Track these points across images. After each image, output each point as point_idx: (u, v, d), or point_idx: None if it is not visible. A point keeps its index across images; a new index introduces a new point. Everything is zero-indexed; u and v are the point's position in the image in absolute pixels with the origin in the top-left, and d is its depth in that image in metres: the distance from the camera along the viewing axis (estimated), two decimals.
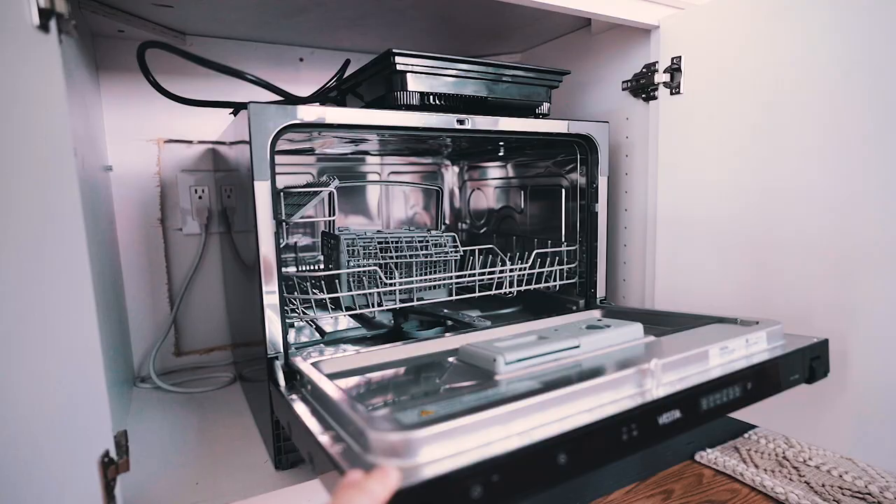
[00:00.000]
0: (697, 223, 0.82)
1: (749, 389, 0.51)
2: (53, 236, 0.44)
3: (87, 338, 0.48)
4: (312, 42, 1.10)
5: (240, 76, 0.66)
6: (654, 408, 0.44)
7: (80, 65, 0.77)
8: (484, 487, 0.36)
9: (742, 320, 0.64)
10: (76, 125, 0.65)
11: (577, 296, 0.93)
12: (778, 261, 0.72)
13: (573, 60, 1.04)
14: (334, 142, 0.99)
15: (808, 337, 0.60)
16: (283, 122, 0.61)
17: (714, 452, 0.89)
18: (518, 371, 0.51)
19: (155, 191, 1.02)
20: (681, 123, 0.83)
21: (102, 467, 0.48)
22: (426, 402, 0.46)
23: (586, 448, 0.40)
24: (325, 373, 0.62)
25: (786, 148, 0.71)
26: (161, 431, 0.79)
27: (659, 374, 0.46)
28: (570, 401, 0.43)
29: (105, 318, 0.73)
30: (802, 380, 0.57)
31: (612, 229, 0.99)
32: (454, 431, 0.38)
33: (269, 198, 0.62)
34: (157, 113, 1.01)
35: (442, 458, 0.37)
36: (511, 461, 0.37)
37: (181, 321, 1.06)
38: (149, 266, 1.03)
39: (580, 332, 0.58)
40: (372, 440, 0.37)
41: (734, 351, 0.54)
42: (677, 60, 0.82)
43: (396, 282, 0.73)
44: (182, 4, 0.87)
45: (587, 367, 0.51)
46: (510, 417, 0.40)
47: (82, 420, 0.47)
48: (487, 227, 1.22)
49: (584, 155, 0.90)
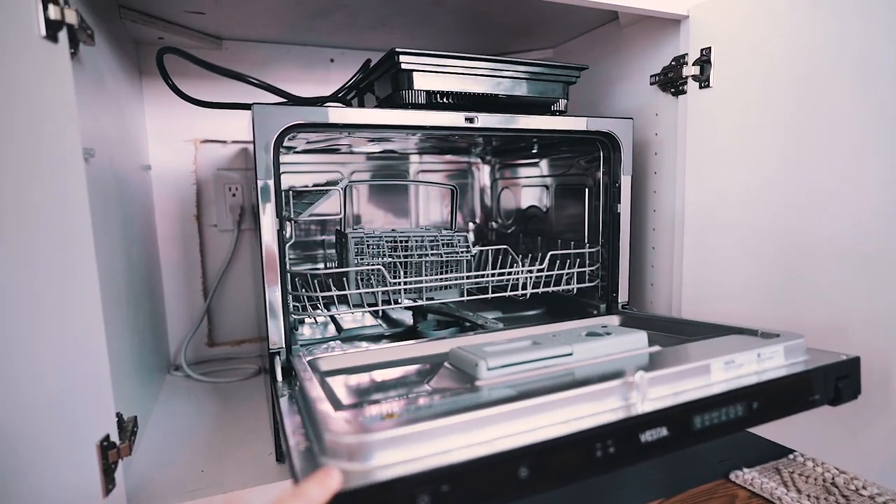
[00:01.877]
0: (726, 227, 0.77)
1: (755, 409, 0.47)
2: (60, 231, 0.47)
3: (90, 326, 0.51)
4: (341, 43, 1.12)
5: (243, 79, 0.68)
6: (636, 424, 0.42)
7: (119, 71, 0.82)
8: (432, 497, 0.35)
9: (763, 332, 0.59)
10: (105, 127, 0.70)
11: (599, 300, 0.89)
12: (810, 269, 0.66)
13: (603, 55, 1.00)
14: (363, 141, 1.00)
15: (835, 353, 0.54)
16: (285, 123, 0.62)
17: (752, 472, 0.83)
18: (500, 377, 0.49)
19: (192, 188, 1.08)
20: (710, 120, 0.78)
21: (101, 450, 0.51)
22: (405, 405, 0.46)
23: (553, 463, 0.38)
24: (321, 370, 0.63)
25: (820, 148, 0.64)
26: (181, 418, 0.83)
27: (645, 388, 0.43)
28: (543, 412, 0.41)
29: (132, 307, 0.77)
30: (825, 401, 0.51)
31: (641, 231, 0.94)
32: (411, 437, 0.37)
33: (273, 196, 0.63)
34: (195, 115, 1.05)
35: (395, 463, 0.36)
36: (465, 472, 0.36)
37: (214, 313, 1.12)
38: (185, 260, 1.08)
39: (577, 339, 0.56)
40: (326, 442, 0.37)
41: (742, 366, 0.50)
42: (707, 52, 0.77)
43: (402, 281, 0.73)
44: (213, 11, 0.90)
45: (573, 377, 0.49)
46: (474, 426, 0.39)
47: (82, 404, 0.50)
48: (515, 226, 1.20)
49: (607, 153, 0.86)
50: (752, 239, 0.73)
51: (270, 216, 0.63)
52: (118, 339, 0.68)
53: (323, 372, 0.63)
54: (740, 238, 0.75)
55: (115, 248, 0.70)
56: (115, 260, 0.70)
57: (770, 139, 0.70)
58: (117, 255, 0.71)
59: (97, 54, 0.68)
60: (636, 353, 0.55)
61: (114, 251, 0.70)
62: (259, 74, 1.10)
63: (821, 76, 0.64)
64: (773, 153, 0.70)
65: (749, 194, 0.73)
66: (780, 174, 0.69)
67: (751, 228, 0.73)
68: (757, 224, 0.72)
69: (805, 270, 0.67)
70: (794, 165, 0.67)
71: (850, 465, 0.67)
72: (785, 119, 0.68)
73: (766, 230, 0.71)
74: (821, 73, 0.64)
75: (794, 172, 0.67)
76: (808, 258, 0.66)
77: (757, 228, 0.73)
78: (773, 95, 0.69)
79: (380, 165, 1.21)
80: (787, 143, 0.68)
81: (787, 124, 0.68)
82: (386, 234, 0.85)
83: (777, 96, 0.69)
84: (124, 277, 0.74)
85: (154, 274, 0.99)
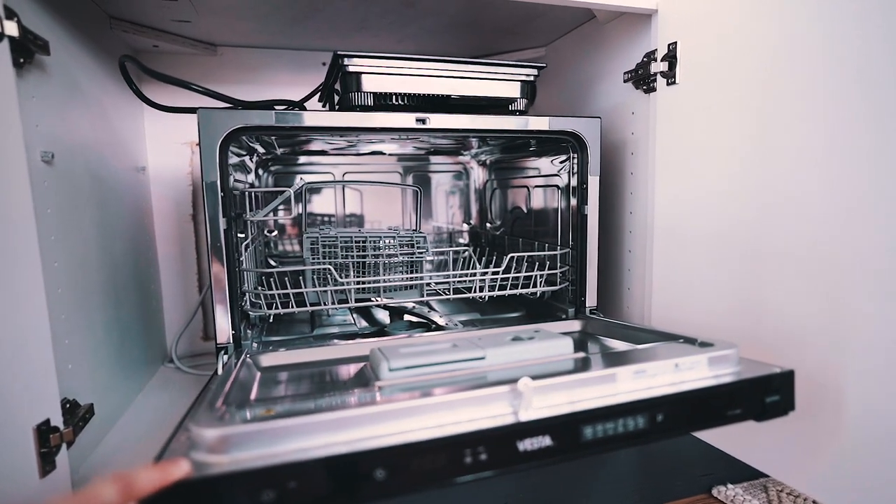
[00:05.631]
0: (692, 231, 0.73)
1: (660, 421, 0.45)
2: (1, 227, 0.51)
3: (32, 315, 0.54)
4: (330, 46, 1.14)
5: (186, 87, 0.71)
6: (513, 431, 0.41)
7: (107, 78, 0.87)
8: (278, 493, 0.35)
9: (701, 341, 0.56)
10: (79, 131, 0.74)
11: (569, 304, 0.87)
12: (770, 277, 0.62)
13: (584, 53, 0.98)
14: (343, 143, 1.02)
15: (768, 366, 0.51)
16: (230, 126, 0.64)
17: (736, 489, 0.79)
18: (400, 379, 0.49)
19: (187, 189, 1.13)
20: (677, 118, 0.74)
21: (39, 434, 0.55)
22: (295, 402, 0.46)
23: (414, 466, 0.38)
24: (262, 366, 0.65)
25: (783, 150, 0.60)
26: (160, 407, 0.87)
27: (530, 395, 0.42)
28: (416, 415, 0.41)
29: (112, 301, 0.82)
30: (750, 416, 0.48)
31: (617, 234, 0.91)
32: (272, 433, 0.38)
33: (218, 196, 0.65)
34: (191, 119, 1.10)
35: (252, 458, 0.37)
36: (315, 470, 0.36)
37: (209, 308, 1.16)
38: (181, 257, 1.14)
39: (499, 343, 0.55)
40: (192, 433, 0.39)
41: (656, 376, 0.48)
42: (673, 47, 0.73)
43: (351, 280, 0.74)
44: (198, 18, 0.95)
45: (475, 382, 0.48)
46: (337, 425, 0.39)
47: (23, 390, 0.53)
48: (504, 227, 1.19)
49: (575, 153, 0.84)
50: (717, 245, 0.70)
51: (216, 215, 0.66)
52: (87, 330, 0.72)
53: (262, 368, 0.65)
54: (706, 243, 0.71)
55: (88, 245, 0.75)
56: (88, 256, 0.74)
57: (733, 140, 0.66)
58: (92, 251, 0.76)
59: (70, 62, 0.72)
60: (553, 359, 0.54)
61: (87, 248, 0.74)
62: (254, 79, 1.16)
63: (784, 73, 0.60)
64: (735, 156, 0.66)
65: (712, 199, 0.70)
66: (742, 179, 0.65)
67: (715, 234, 0.70)
68: (721, 229, 0.69)
69: (765, 279, 0.63)
70: (755, 170, 0.63)
71: (811, 488, 0.62)
72: (746, 121, 0.64)
73: (729, 236, 0.67)
74: (784, 71, 0.60)
75: (756, 178, 0.63)
76: (768, 266, 0.62)
77: (720, 234, 0.69)
78: (736, 93, 0.65)
79: (374, 167, 1.23)
80: (748, 146, 0.64)
81: (749, 126, 0.64)
82: (343, 234, 0.87)
83: (740, 95, 0.65)
84: (101, 273, 0.78)
85: (148, 270, 1.04)
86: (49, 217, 0.63)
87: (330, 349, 0.70)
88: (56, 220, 0.65)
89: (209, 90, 0.73)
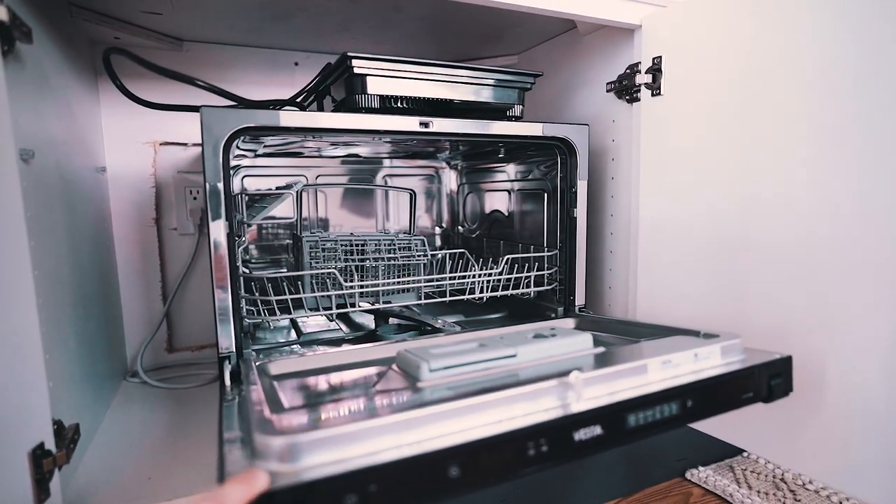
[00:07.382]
0: (677, 231, 0.79)
1: (690, 407, 0.48)
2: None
3: (24, 332, 0.49)
4: (306, 46, 1.12)
5: (191, 82, 0.68)
6: (569, 423, 0.42)
7: (69, 70, 0.80)
8: (360, 497, 0.35)
9: (705, 333, 0.61)
10: (50, 128, 0.68)
11: (557, 303, 0.90)
12: (754, 273, 0.68)
13: (563, 62, 1.02)
14: (326, 145, 1.00)
15: (769, 353, 0.56)
16: (234, 126, 0.62)
17: (706, 471, 0.85)
18: (442, 379, 0.49)
19: (150, 191, 1.06)
20: (661, 126, 0.80)
21: (34, 459, 0.50)
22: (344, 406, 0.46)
23: (484, 462, 0.39)
24: (271, 374, 0.63)
25: (764, 152, 0.66)
26: (132, 425, 0.81)
27: (580, 388, 0.44)
28: (476, 412, 0.41)
29: (81, 312, 0.75)
30: (759, 398, 0.53)
31: (599, 235, 0.96)
32: (341, 438, 0.37)
33: (223, 198, 0.62)
34: (154, 117, 1.03)
35: (324, 464, 0.36)
36: (393, 471, 0.36)
37: (174, 318, 1.10)
38: (144, 264, 1.06)
39: (524, 341, 0.56)
40: (256, 443, 0.37)
41: (679, 365, 0.51)
42: (658, 61, 0.79)
43: (357, 284, 0.73)
44: (172, 12, 0.89)
45: (515, 378, 0.49)
46: (404, 426, 0.39)
47: (16, 412, 0.48)
48: (480, 230, 1.21)
49: (564, 158, 0.87)
50: (701, 243, 0.75)
51: (219, 219, 0.63)
52: (62, 344, 0.66)
53: (273, 376, 0.62)
54: (691, 242, 0.77)
55: (61, 252, 0.68)
56: (61, 264, 0.68)
57: (716, 146, 0.72)
58: (64, 258, 0.70)
59: (42, 53, 0.66)
60: (579, 354, 0.56)
61: (60, 255, 0.68)
62: (222, 77, 1.10)
63: (764, 87, 0.66)
64: (718, 160, 0.72)
65: (697, 200, 0.75)
66: (726, 181, 0.71)
67: (700, 233, 0.75)
68: (705, 229, 0.74)
69: (749, 274, 0.69)
70: (738, 173, 0.70)
71: (793, 462, 0.69)
72: (729, 125, 0.70)
73: (714, 235, 0.73)
74: (764, 85, 0.66)
75: (739, 180, 0.70)
76: (752, 262, 0.68)
77: (705, 233, 0.75)
78: (719, 104, 0.71)
79: (346, 169, 1.21)
80: (731, 151, 0.70)
81: (731, 129, 0.70)
82: (342, 237, 0.85)
83: (722, 105, 0.71)
84: (72, 282, 0.72)
85: (109, 278, 0.97)
86: (29, 222, 0.57)
87: (336, 355, 0.68)
88: (35, 225, 0.59)
89: (216, 87, 0.69)
